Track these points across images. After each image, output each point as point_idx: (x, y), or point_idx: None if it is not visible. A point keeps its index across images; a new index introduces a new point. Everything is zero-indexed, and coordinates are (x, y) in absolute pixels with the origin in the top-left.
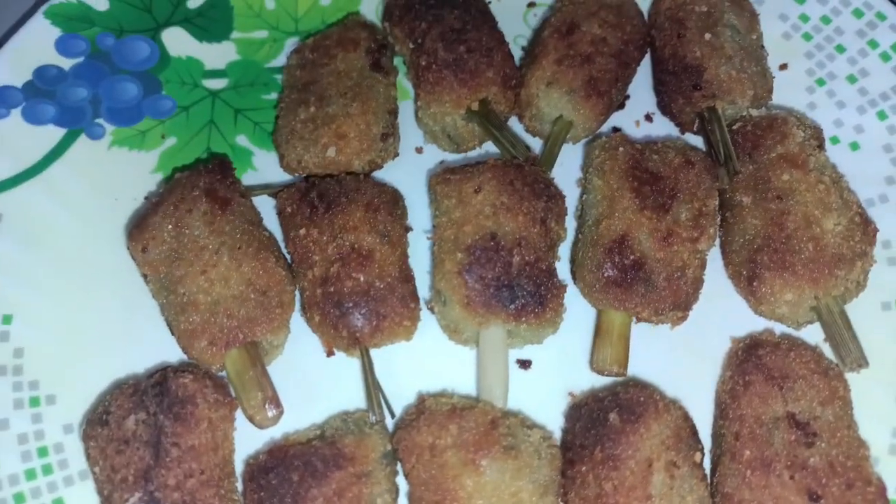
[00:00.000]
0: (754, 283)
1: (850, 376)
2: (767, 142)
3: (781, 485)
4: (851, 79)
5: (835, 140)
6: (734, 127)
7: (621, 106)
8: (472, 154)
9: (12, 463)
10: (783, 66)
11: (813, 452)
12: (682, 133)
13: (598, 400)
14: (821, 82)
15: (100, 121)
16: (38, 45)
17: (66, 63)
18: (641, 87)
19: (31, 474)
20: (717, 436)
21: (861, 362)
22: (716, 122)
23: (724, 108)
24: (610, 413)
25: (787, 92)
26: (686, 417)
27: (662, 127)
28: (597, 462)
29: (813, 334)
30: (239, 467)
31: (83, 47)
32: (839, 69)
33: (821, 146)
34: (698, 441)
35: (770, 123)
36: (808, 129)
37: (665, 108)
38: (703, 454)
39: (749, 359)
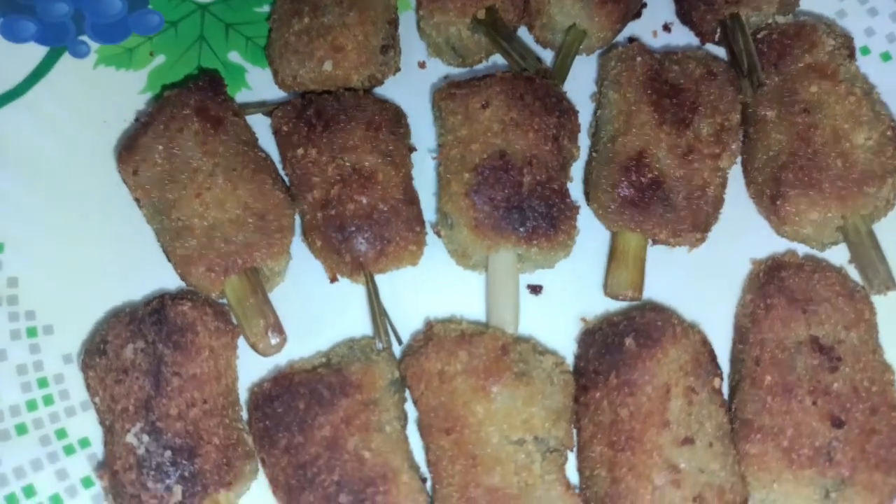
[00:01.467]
0: (777, 202)
1: (876, 299)
2: (794, 51)
3: (803, 410)
4: None
5: (865, 50)
6: (759, 36)
7: (637, 15)
8: (479, 68)
9: (13, 394)
10: None
11: (836, 377)
12: (703, 43)
13: (612, 324)
14: None
15: (84, 38)
16: None
17: None
18: None
19: (32, 405)
20: (736, 361)
21: (889, 284)
22: (739, 30)
23: (748, 16)
24: (626, 337)
25: (817, 1)
26: (705, 342)
27: (682, 37)
28: (612, 388)
29: (838, 256)
30: (243, 396)
31: None
32: None
33: (851, 56)
34: (717, 366)
35: (797, 31)
36: (838, 38)
37: (685, 16)
38: (722, 380)
39: (771, 281)
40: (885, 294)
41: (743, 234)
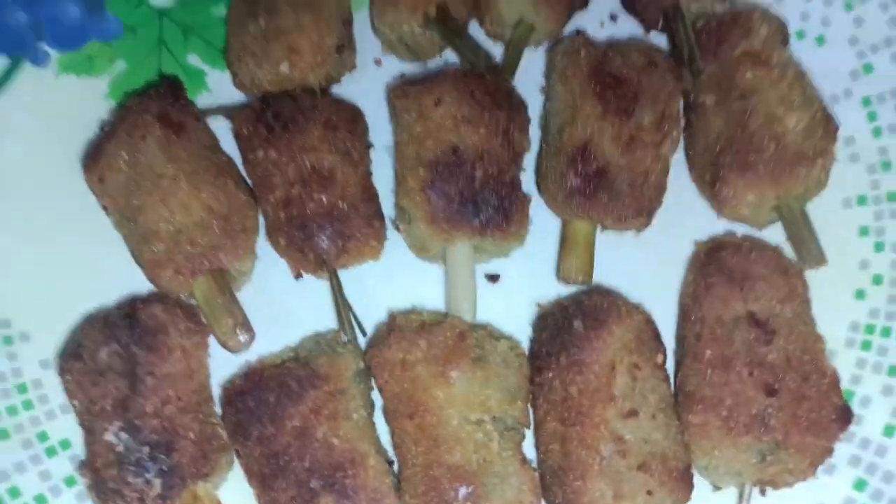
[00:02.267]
0: (717, 185)
1: (809, 274)
2: (731, 39)
3: (740, 381)
4: None
5: (800, 34)
6: (698, 24)
7: (584, 4)
8: (434, 63)
9: None
10: None
11: (771, 349)
12: (648, 32)
13: (562, 308)
14: None
15: (43, 46)
16: None
17: None
18: None
19: (12, 410)
20: (680, 339)
21: (820, 260)
22: (679, 19)
23: (688, 5)
24: (574, 320)
25: None
26: (649, 321)
27: (627, 27)
28: (562, 368)
29: (776, 235)
30: (217, 392)
31: None
32: None
33: (785, 41)
34: (661, 343)
35: (734, 19)
36: (773, 24)
37: (629, 5)
38: (664, 356)
39: (711, 261)
40: (817, 269)
41: (688, 217)
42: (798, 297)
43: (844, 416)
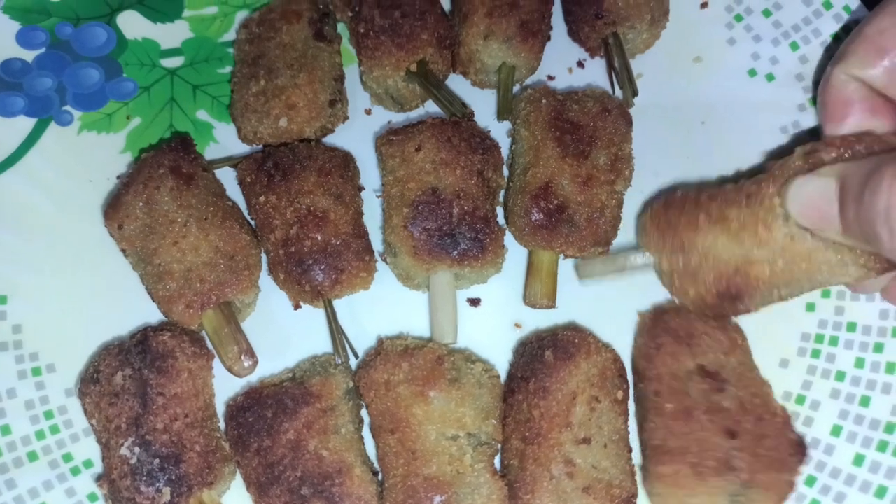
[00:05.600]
0: None
1: (748, 328)
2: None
3: (703, 428)
4: (766, 13)
5: (752, 73)
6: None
7: (549, 38)
8: (416, 113)
9: (23, 426)
10: (704, 5)
11: (725, 396)
12: (592, 57)
13: (539, 338)
14: (738, 18)
15: (67, 108)
16: None
17: (29, 55)
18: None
19: (40, 435)
20: (639, 398)
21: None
22: (616, 47)
23: (625, 33)
24: (546, 350)
25: (708, 29)
26: (616, 360)
27: (595, 73)
28: (530, 392)
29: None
30: (221, 409)
31: (43, 38)
32: (755, 4)
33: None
34: (624, 382)
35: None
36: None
37: (574, 35)
38: (625, 393)
39: (657, 324)
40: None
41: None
42: (739, 348)
43: (800, 449)
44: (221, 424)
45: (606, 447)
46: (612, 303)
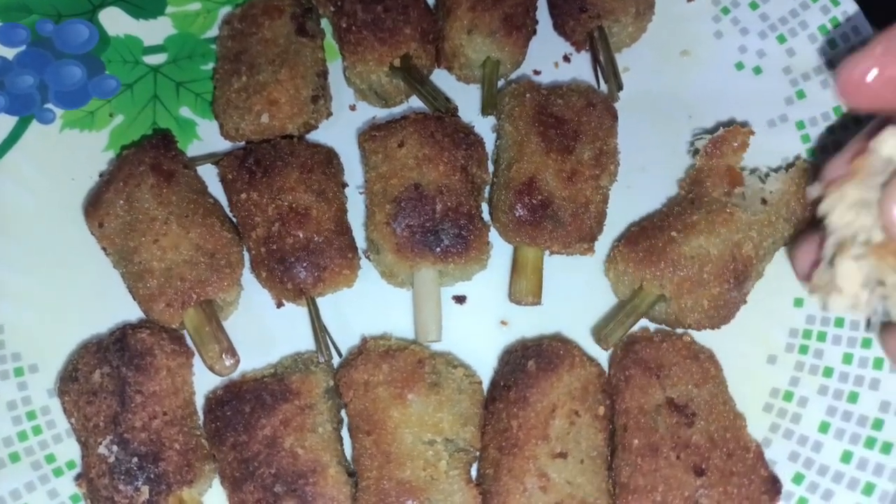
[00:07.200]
0: None
1: (724, 360)
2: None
3: (669, 465)
4: (753, 5)
5: (740, 66)
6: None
7: (534, 32)
8: (400, 109)
9: (5, 427)
10: None
11: (694, 431)
12: (578, 51)
13: (525, 347)
14: (725, 11)
15: (49, 105)
16: None
17: (10, 53)
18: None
19: (22, 436)
20: (610, 432)
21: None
22: (601, 40)
23: (609, 27)
24: (529, 360)
25: (695, 22)
26: (600, 375)
27: (581, 67)
28: (510, 401)
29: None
30: (201, 406)
31: (24, 36)
32: None
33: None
34: (607, 397)
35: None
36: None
37: (559, 28)
38: (607, 409)
39: (627, 355)
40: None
41: None
42: (712, 379)
43: (773, 487)
44: (201, 421)
45: (583, 463)
46: (604, 311)
